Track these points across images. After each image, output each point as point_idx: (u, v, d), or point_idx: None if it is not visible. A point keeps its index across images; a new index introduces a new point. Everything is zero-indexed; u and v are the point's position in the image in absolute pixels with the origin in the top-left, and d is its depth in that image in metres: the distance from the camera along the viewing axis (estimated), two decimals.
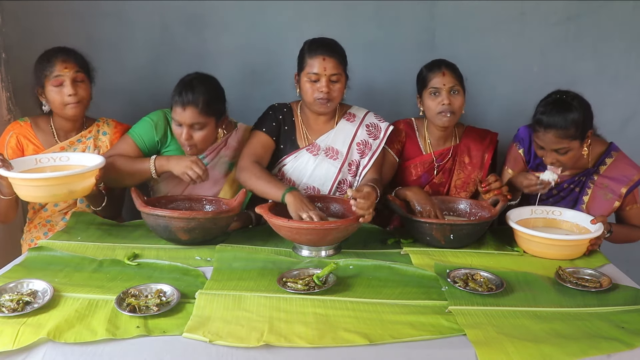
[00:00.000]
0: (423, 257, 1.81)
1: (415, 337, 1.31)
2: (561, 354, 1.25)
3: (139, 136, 2.07)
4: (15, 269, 1.67)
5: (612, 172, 2.05)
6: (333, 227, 1.74)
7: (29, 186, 1.76)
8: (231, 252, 1.79)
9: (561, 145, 1.91)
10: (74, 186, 1.79)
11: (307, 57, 2.03)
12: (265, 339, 1.27)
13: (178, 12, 2.60)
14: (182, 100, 1.94)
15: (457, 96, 2.10)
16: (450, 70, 2.11)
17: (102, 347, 1.26)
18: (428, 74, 2.13)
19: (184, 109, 1.94)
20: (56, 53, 2.02)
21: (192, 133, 1.99)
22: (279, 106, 2.19)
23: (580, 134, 1.91)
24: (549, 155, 1.96)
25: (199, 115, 1.96)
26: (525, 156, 2.17)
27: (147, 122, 2.10)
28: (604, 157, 2.08)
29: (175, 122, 1.99)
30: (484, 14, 2.62)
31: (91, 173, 1.83)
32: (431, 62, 2.17)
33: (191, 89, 1.95)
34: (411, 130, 2.28)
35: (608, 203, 2.06)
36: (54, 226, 2.16)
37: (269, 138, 2.13)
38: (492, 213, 1.95)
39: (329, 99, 2.02)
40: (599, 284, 1.63)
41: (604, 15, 2.59)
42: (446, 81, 2.08)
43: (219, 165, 2.17)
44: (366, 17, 2.63)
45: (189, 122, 1.96)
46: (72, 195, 1.84)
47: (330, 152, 2.15)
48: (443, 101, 2.08)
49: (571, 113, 1.88)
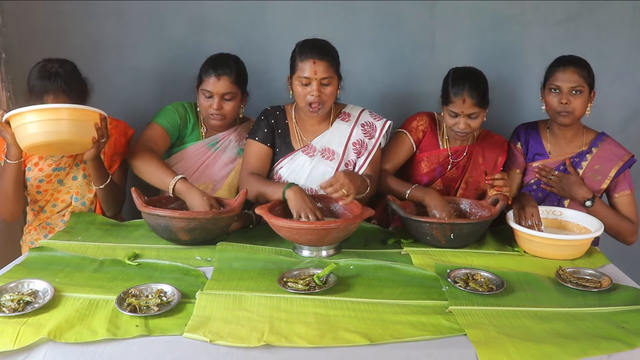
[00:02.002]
0: (423, 257, 1.81)
1: (415, 337, 1.31)
2: (562, 354, 1.25)
3: (164, 120, 2.18)
4: (16, 268, 1.67)
5: (603, 152, 2.17)
6: (333, 227, 1.74)
7: (30, 123, 1.76)
8: (232, 252, 1.79)
9: (577, 83, 2.05)
10: (74, 126, 1.80)
11: (298, 61, 2.01)
12: (265, 339, 1.27)
13: (178, 12, 2.60)
14: (216, 71, 2.10)
15: (476, 119, 2.10)
16: (471, 98, 2.07)
17: (103, 347, 1.26)
18: (451, 94, 2.09)
19: (218, 78, 2.09)
20: (45, 86, 1.89)
21: (222, 103, 2.12)
22: (272, 110, 2.19)
23: (590, 82, 2.09)
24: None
25: (232, 85, 2.12)
26: (522, 148, 2.29)
27: (168, 109, 2.22)
28: (597, 141, 2.20)
29: (206, 93, 2.12)
30: (484, 14, 2.62)
31: (93, 115, 1.86)
32: (458, 77, 2.10)
33: (224, 61, 2.14)
34: (433, 123, 2.28)
35: (596, 184, 2.16)
36: (53, 228, 2.15)
37: (263, 146, 2.14)
38: (492, 213, 1.95)
39: (320, 102, 2.01)
40: (600, 284, 1.63)
41: (604, 15, 2.59)
42: (465, 108, 2.06)
43: (230, 149, 2.27)
44: (366, 17, 2.63)
45: (222, 92, 2.11)
46: (71, 147, 1.88)
47: (326, 153, 2.14)
48: (460, 125, 2.09)
49: (585, 62, 2.12)
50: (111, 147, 2.17)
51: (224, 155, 2.26)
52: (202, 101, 2.15)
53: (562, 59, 2.13)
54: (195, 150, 2.24)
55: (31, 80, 1.93)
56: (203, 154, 2.25)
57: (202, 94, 2.14)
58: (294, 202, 1.87)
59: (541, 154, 2.25)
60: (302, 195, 1.89)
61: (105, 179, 2.06)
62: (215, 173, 2.25)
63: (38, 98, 1.90)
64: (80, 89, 2.00)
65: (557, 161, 2.21)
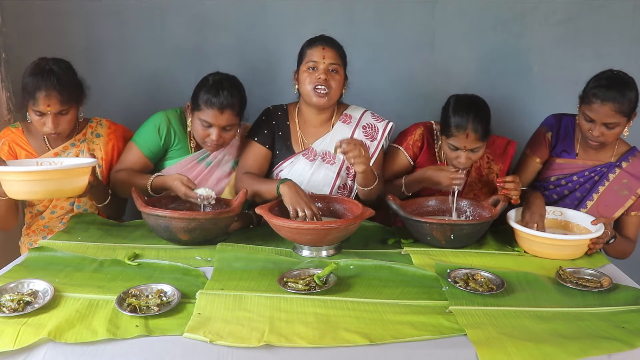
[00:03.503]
0: (424, 257, 1.81)
1: (416, 337, 1.31)
2: (562, 354, 1.25)
3: (144, 144, 2.09)
4: (16, 269, 1.66)
5: (633, 169, 2.09)
6: (333, 227, 1.74)
7: (18, 181, 1.71)
8: (232, 252, 1.79)
9: (613, 119, 1.94)
10: (63, 183, 1.75)
11: (307, 49, 2.04)
12: (265, 339, 1.27)
13: (178, 12, 2.60)
14: (221, 103, 1.94)
15: (477, 153, 2.03)
16: (475, 133, 1.97)
17: (103, 347, 1.26)
18: (453, 127, 1.99)
19: (221, 112, 1.95)
20: (39, 83, 1.86)
21: (222, 134, 2.00)
22: (273, 110, 2.18)
23: (629, 112, 1.96)
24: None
25: (235, 117, 2.00)
26: (552, 139, 2.20)
27: (149, 128, 2.10)
28: (628, 155, 2.12)
29: (204, 123, 1.98)
30: (484, 14, 2.62)
31: (80, 171, 1.79)
32: (460, 109, 2.00)
33: (228, 92, 1.96)
34: (430, 136, 2.20)
35: (622, 199, 2.09)
36: (52, 230, 2.12)
37: (262, 147, 2.13)
38: (492, 213, 1.95)
39: (327, 88, 1.99)
40: (600, 284, 1.63)
41: (604, 15, 2.59)
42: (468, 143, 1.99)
43: (223, 163, 2.19)
44: (366, 17, 2.63)
45: (225, 124, 1.98)
46: (62, 193, 1.80)
47: (327, 157, 2.13)
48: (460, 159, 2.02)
49: (628, 89, 1.95)
50: (109, 152, 2.14)
51: (218, 170, 2.17)
52: (198, 128, 2.01)
53: (603, 85, 1.94)
54: (185, 165, 2.12)
55: (24, 77, 1.90)
56: (193, 169, 2.13)
57: (199, 121, 2.00)
58: (289, 197, 1.86)
59: (569, 152, 2.17)
60: (296, 190, 1.88)
61: (105, 198, 2.04)
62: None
63: (30, 96, 1.88)
64: (74, 89, 1.95)
65: (582, 165, 2.14)
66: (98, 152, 2.11)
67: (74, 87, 1.96)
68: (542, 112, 2.32)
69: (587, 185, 2.14)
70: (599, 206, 2.11)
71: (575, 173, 2.15)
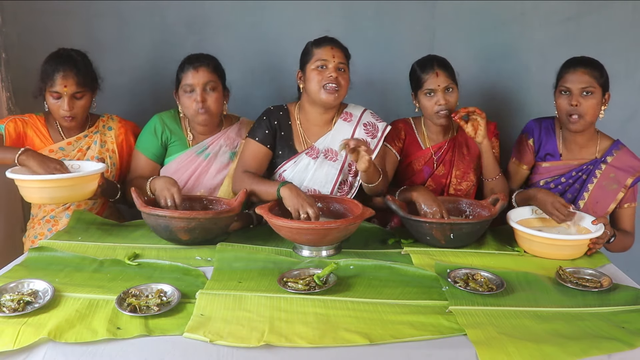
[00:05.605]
0: (423, 257, 1.81)
1: (415, 337, 1.31)
2: (562, 354, 1.25)
3: (146, 148, 2.20)
4: (16, 268, 1.67)
5: (618, 162, 2.10)
6: (333, 227, 1.74)
7: (32, 187, 1.84)
8: (232, 252, 1.79)
9: (588, 84, 2.00)
10: (74, 190, 1.88)
11: (314, 49, 2.06)
12: (265, 339, 1.27)
13: (178, 12, 2.60)
14: (193, 64, 2.10)
15: (452, 93, 2.11)
16: (443, 69, 2.10)
17: (103, 347, 1.26)
18: (422, 75, 2.12)
19: (197, 70, 2.09)
20: (57, 66, 2.02)
21: (206, 95, 2.10)
22: (274, 110, 2.18)
23: (603, 84, 2.03)
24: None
25: (211, 74, 2.11)
26: (534, 145, 2.22)
27: (147, 132, 2.21)
28: (612, 149, 2.13)
29: (187, 89, 2.10)
30: (484, 14, 2.62)
31: (91, 177, 1.92)
32: (423, 60, 2.15)
33: (199, 55, 2.15)
34: (409, 128, 2.29)
35: (612, 193, 2.09)
36: (57, 222, 2.18)
37: (262, 147, 2.13)
38: (491, 212, 1.95)
39: (337, 85, 2.02)
40: (600, 284, 1.63)
41: (604, 15, 2.59)
42: (440, 82, 2.08)
43: (221, 154, 2.23)
44: (366, 17, 2.63)
45: (203, 82, 2.09)
46: (74, 199, 1.95)
47: (329, 153, 2.14)
48: (439, 101, 2.09)
49: (597, 63, 2.06)
50: (120, 145, 2.25)
51: (216, 161, 2.22)
52: (185, 100, 2.12)
53: (573, 59, 2.08)
54: (185, 159, 2.20)
55: (43, 65, 2.04)
56: (193, 162, 2.20)
57: (183, 92, 2.12)
58: (290, 200, 1.87)
59: (553, 154, 2.18)
60: (297, 192, 1.89)
61: (115, 194, 2.13)
62: (208, 181, 2.21)
63: (49, 78, 2.00)
64: (89, 74, 2.10)
65: (568, 165, 2.15)
66: (110, 144, 2.23)
67: (90, 73, 2.11)
68: (542, 112, 2.32)
69: (577, 186, 2.15)
70: (591, 204, 2.12)
71: (562, 174, 2.15)
